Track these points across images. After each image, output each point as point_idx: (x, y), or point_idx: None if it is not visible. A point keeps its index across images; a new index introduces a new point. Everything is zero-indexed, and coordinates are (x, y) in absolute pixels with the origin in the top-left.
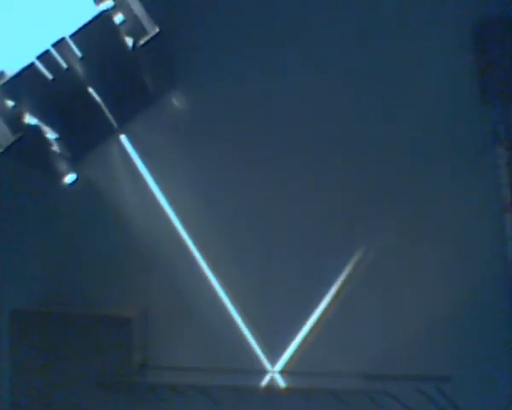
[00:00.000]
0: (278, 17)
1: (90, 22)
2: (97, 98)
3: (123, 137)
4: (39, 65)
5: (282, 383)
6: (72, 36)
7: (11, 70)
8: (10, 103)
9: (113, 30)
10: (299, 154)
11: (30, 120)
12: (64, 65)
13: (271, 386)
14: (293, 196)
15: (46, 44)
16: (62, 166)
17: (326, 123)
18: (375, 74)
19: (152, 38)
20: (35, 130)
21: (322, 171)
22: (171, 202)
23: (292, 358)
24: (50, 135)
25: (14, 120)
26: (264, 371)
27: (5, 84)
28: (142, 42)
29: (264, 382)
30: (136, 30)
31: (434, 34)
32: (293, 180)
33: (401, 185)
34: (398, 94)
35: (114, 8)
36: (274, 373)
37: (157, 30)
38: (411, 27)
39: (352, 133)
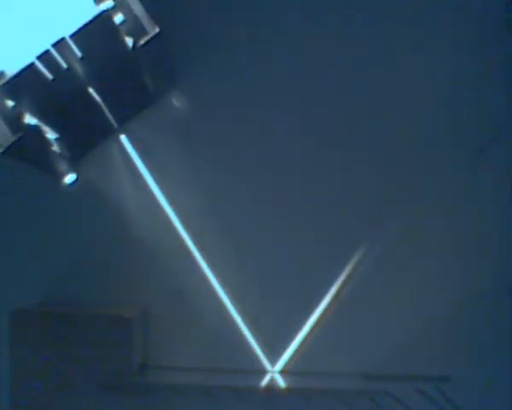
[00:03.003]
0: (279, 18)
1: (90, 22)
2: (97, 98)
3: (123, 137)
4: (39, 65)
5: (282, 383)
6: (72, 36)
7: (11, 70)
8: (10, 103)
9: (113, 30)
10: (299, 154)
11: (30, 120)
12: (64, 65)
13: (271, 386)
14: (293, 195)
15: (46, 44)
16: (62, 166)
17: (326, 123)
18: (375, 75)
19: (152, 38)
20: (35, 130)
21: (322, 171)
22: (171, 202)
23: (292, 358)
24: (50, 135)
25: (14, 120)
26: (264, 371)
27: (5, 84)
28: (142, 42)
29: (264, 382)
30: (136, 30)
31: (434, 35)
32: (293, 180)
33: (401, 185)
34: (399, 94)
35: (114, 8)
36: (274, 373)
37: (157, 30)
38: (411, 27)
39: (351, 134)
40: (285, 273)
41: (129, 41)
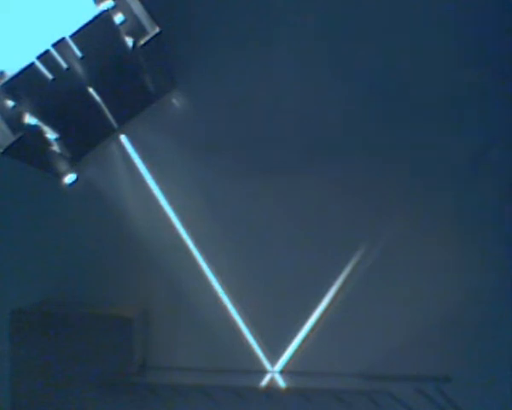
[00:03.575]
0: (279, 17)
1: (90, 22)
2: (97, 98)
3: (123, 137)
4: (39, 65)
5: (282, 383)
6: (72, 36)
7: (11, 70)
8: (10, 103)
9: (113, 30)
10: (299, 153)
11: (30, 120)
12: (64, 65)
13: (271, 386)
14: (293, 195)
15: (46, 44)
16: (62, 166)
17: (326, 124)
18: (376, 75)
19: (152, 38)
20: (35, 130)
21: (322, 171)
22: (171, 202)
23: (292, 358)
24: (50, 135)
25: (14, 120)
26: (264, 371)
27: (5, 84)
28: (142, 42)
29: (264, 382)
30: (136, 30)
31: (434, 35)
32: (293, 180)
33: (401, 185)
34: (399, 94)
35: (114, 8)
36: (274, 373)
37: (157, 30)
38: (411, 28)
39: (352, 134)
40: (285, 273)
41: (129, 41)
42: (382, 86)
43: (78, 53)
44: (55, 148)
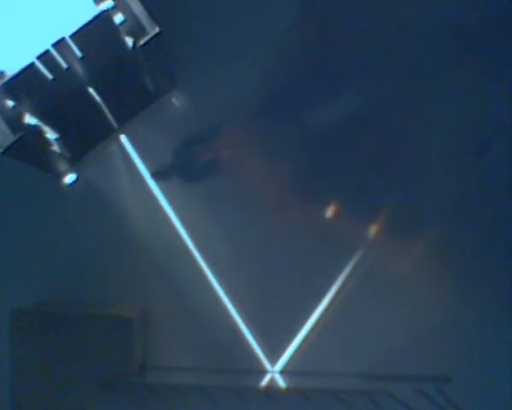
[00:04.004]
0: (280, 16)
1: (90, 22)
2: (97, 98)
3: (123, 137)
4: (39, 65)
5: (282, 383)
6: (72, 36)
7: (11, 70)
8: (10, 103)
9: (113, 30)
10: (298, 153)
11: (30, 120)
12: (64, 65)
13: (271, 386)
14: (293, 195)
15: (46, 44)
16: (62, 166)
17: (327, 123)
18: (375, 75)
19: (152, 38)
20: (35, 130)
21: (322, 172)
22: (171, 202)
23: (292, 358)
24: (50, 135)
25: (14, 120)
26: (264, 371)
27: (5, 84)
28: (142, 42)
29: (264, 382)
30: (136, 30)
31: (434, 35)
32: (293, 180)
33: (401, 185)
34: (399, 94)
35: (114, 8)
36: (274, 373)
37: (157, 30)
38: (411, 27)
39: (351, 134)
40: (285, 273)
41: (129, 41)
42: (382, 86)
43: (78, 53)
44: (55, 148)
